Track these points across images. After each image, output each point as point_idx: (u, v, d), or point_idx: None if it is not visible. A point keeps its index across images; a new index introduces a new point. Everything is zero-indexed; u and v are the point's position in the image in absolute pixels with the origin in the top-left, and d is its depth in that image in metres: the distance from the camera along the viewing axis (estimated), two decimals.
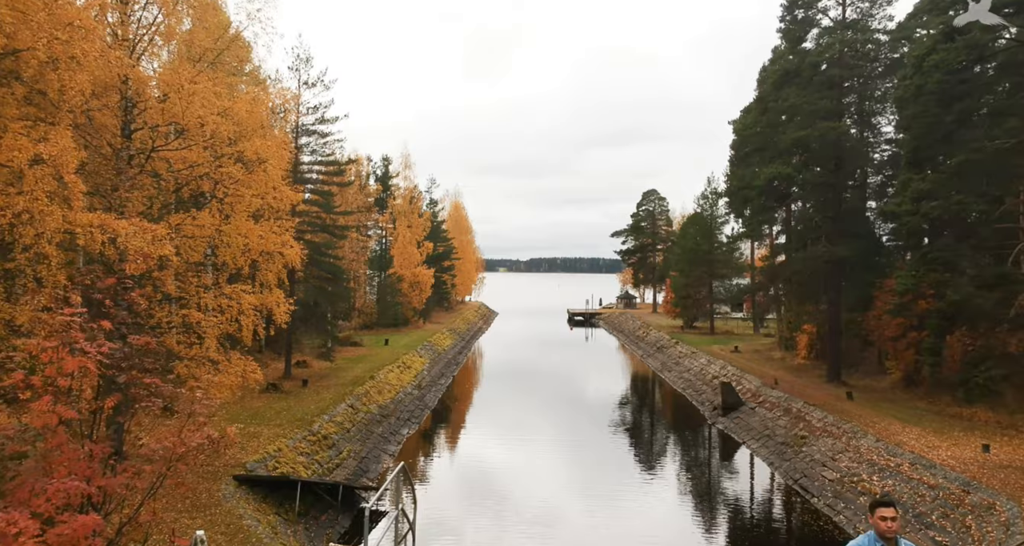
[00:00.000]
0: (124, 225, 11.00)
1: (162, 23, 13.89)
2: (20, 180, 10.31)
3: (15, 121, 10.66)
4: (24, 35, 10.36)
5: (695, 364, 34.13)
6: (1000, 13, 15.24)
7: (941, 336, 16.74)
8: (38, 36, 10.26)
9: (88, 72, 10.78)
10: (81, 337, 3.76)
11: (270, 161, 14.77)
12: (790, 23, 27.23)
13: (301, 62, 24.41)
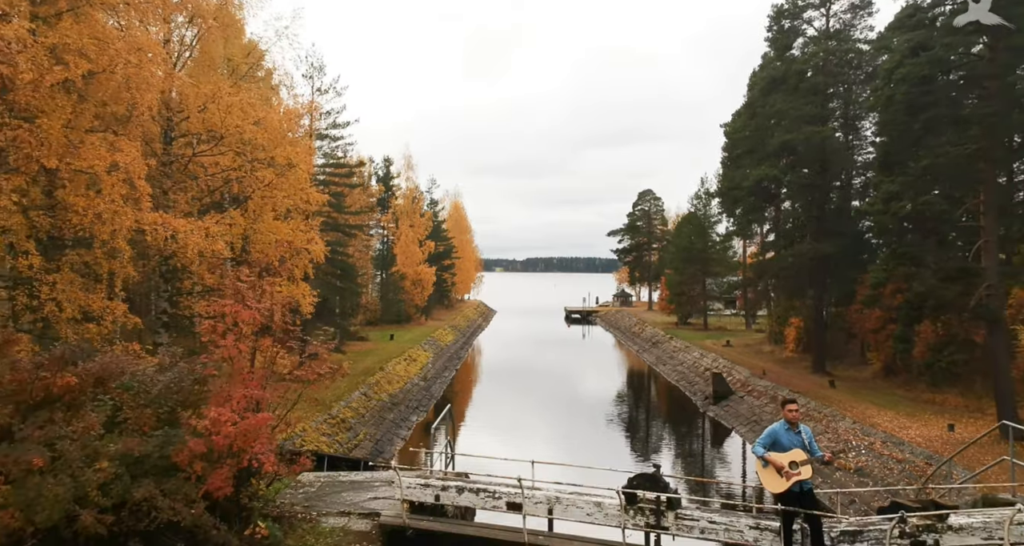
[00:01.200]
0: (183, 223, 12.74)
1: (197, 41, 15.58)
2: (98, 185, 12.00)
3: (90, 133, 12.35)
4: (103, 60, 12.09)
5: (688, 358, 36.07)
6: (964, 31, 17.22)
7: (910, 325, 18.71)
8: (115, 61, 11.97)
9: (155, 91, 12.48)
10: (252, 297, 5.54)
11: (300, 166, 16.48)
12: (777, 32, 29.15)
13: (315, 70, 26.10)
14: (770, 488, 4.88)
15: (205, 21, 14.87)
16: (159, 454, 4.88)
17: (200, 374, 5.52)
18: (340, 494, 6.85)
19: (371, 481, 7.38)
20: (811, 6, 28.59)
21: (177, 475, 4.88)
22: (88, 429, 4.81)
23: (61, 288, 11.42)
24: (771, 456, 4.88)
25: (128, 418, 5.14)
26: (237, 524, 5.19)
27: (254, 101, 15.39)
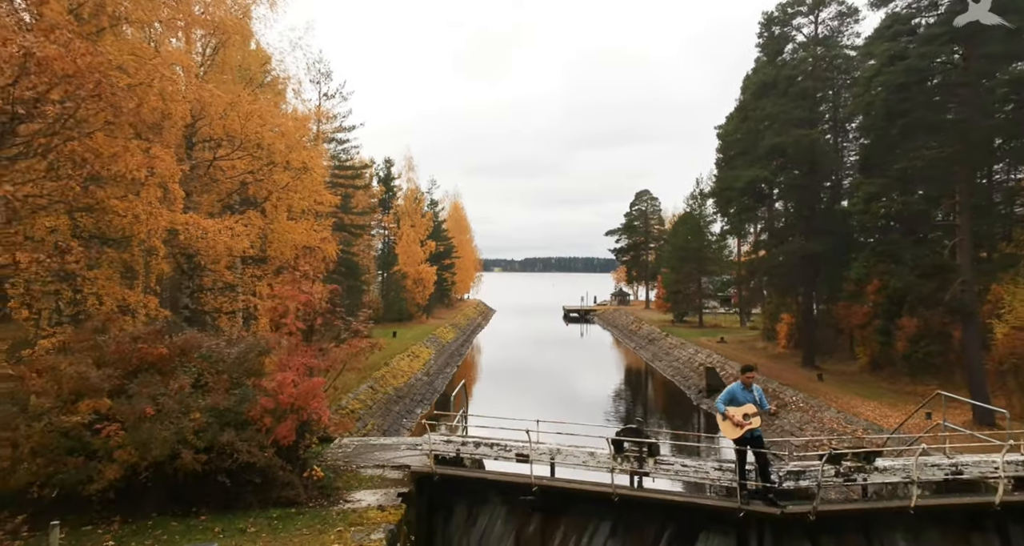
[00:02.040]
0: (211, 223, 13.98)
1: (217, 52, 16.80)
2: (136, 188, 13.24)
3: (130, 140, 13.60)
4: (140, 74, 13.33)
5: (683, 354, 37.41)
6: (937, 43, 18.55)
7: (891, 319, 20.06)
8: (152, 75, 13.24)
9: (187, 103, 13.74)
10: (307, 283, 6.78)
11: (315, 169, 17.75)
12: (768, 38, 30.53)
13: (322, 76, 27.31)
14: (728, 435, 6.15)
15: (227, 34, 16.11)
16: (236, 409, 6.11)
17: (264, 347, 6.77)
18: (373, 453, 8.12)
19: (397, 445, 8.65)
20: (800, 13, 29.98)
21: (250, 427, 6.11)
22: (181, 388, 6.05)
23: (101, 283, 12.63)
24: (729, 410, 6.16)
25: (208, 382, 6.37)
26: (297, 468, 6.44)
27: (271, 108, 16.66)
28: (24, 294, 11.81)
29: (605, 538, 6.53)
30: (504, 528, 6.76)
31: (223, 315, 16.81)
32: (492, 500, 6.84)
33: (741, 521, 6.07)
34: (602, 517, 6.53)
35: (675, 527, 6.35)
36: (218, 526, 5.79)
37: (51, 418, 5.71)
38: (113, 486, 5.74)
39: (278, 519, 5.95)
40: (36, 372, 6.24)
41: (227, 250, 14.23)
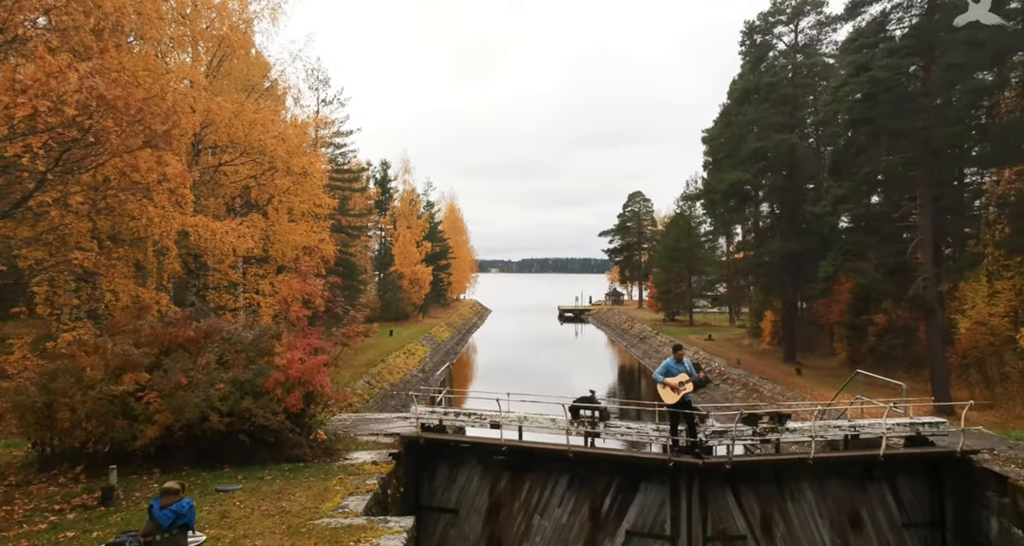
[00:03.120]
0: (219, 225, 15.27)
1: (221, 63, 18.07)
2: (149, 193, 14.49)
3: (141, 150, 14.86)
4: (154, 87, 14.62)
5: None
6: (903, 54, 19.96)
7: (858, 315, 21.46)
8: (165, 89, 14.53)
9: (198, 115, 15.06)
10: (311, 278, 8.07)
11: (314, 174, 19.05)
12: (750, 46, 31.96)
13: (321, 83, 28.64)
14: (667, 400, 7.48)
15: (231, 48, 17.41)
16: (253, 382, 7.39)
17: (276, 331, 8.07)
18: (368, 424, 9.42)
19: (390, 419, 9.97)
20: (780, 22, 31.45)
21: (264, 397, 7.38)
22: (208, 364, 7.34)
23: (118, 281, 13.87)
24: (667, 380, 7.49)
25: (229, 359, 7.65)
26: (304, 431, 7.72)
27: (274, 117, 17.96)
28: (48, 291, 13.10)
29: (564, 489, 7.84)
30: (480, 483, 8.06)
31: (227, 312, 18.05)
32: (469, 460, 8.14)
33: (672, 471, 7.39)
34: (561, 472, 7.84)
35: (621, 478, 7.66)
36: (240, 474, 7.08)
37: (101, 388, 6.99)
38: (153, 443, 7.02)
39: (289, 471, 7.24)
40: (85, 351, 7.52)
41: (233, 250, 15.50)
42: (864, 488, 7.66)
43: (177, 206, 14.64)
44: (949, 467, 7.60)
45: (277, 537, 5.40)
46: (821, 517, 7.56)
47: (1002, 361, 21.31)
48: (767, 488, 7.54)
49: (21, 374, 9.29)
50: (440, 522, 8.13)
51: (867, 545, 7.53)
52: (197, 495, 6.30)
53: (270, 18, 19.16)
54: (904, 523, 7.63)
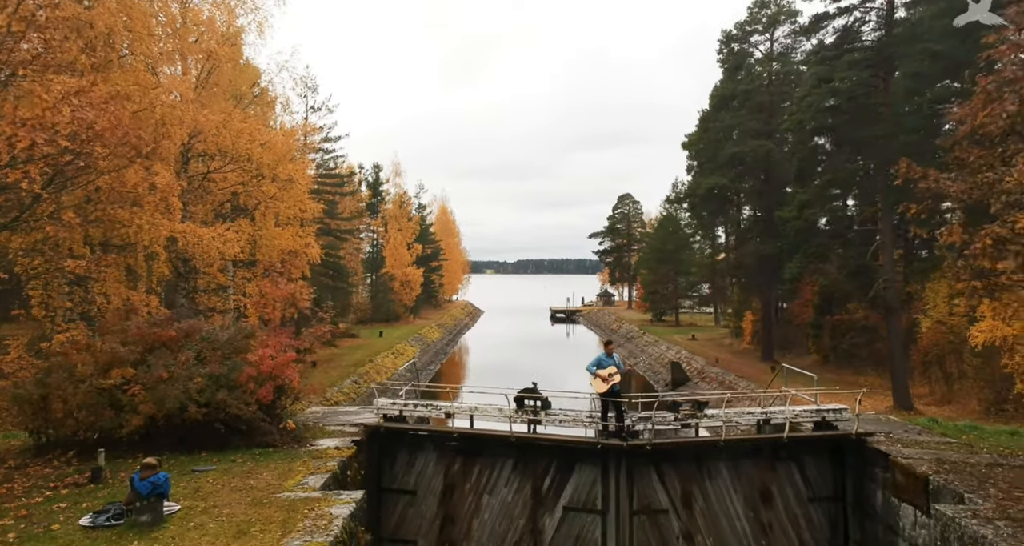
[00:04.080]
0: (206, 231, 16.14)
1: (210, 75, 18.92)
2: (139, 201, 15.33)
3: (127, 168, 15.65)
4: (144, 101, 15.48)
5: (656, 351, 39.75)
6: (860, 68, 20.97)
7: (822, 314, 22.47)
8: (154, 103, 15.38)
9: (187, 127, 15.93)
10: (283, 281, 8.96)
11: (299, 181, 19.92)
12: (727, 55, 33.00)
13: (309, 90, 29.51)
14: (598, 390, 8.42)
15: (218, 62, 18.28)
16: (228, 376, 8.27)
17: (250, 331, 8.96)
18: (338, 416, 10.33)
19: (358, 411, 10.86)
20: (757, 31, 32.51)
21: (239, 389, 8.26)
22: (187, 360, 8.23)
23: (109, 284, 14.69)
24: (598, 372, 8.43)
25: (207, 356, 8.53)
26: (275, 420, 8.61)
27: (260, 126, 18.84)
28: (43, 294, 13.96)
29: (509, 471, 8.75)
30: (435, 467, 8.97)
31: (216, 314, 18.88)
32: (426, 446, 9.04)
33: (601, 453, 8.31)
34: (507, 455, 8.75)
35: (558, 460, 8.58)
36: (215, 458, 7.97)
37: (91, 382, 7.86)
38: (138, 431, 7.90)
39: (260, 455, 8.13)
40: (77, 349, 8.40)
41: (219, 255, 16.36)
42: (774, 467, 8.61)
43: (166, 213, 15.50)
44: (849, 448, 8.55)
45: (242, 507, 6.29)
46: (736, 493, 8.49)
47: (961, 359, 22.33)
48: (688, 467, 8.48)
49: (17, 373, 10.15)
50: (400, 502, 9.03)
51: (776, 518, 8.47)
52: (175, 474, 7.18)
53: (257, 31, 20.05)
54: (810, 498, 8.58)
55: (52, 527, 5.81)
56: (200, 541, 5.47)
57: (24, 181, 6.53)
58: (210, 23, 18.21)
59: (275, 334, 8.80)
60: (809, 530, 8.50)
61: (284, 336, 8.80)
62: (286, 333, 8.90)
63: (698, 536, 8.34)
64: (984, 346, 19.32)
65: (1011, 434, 9.34)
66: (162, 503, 5.88)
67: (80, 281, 14.84)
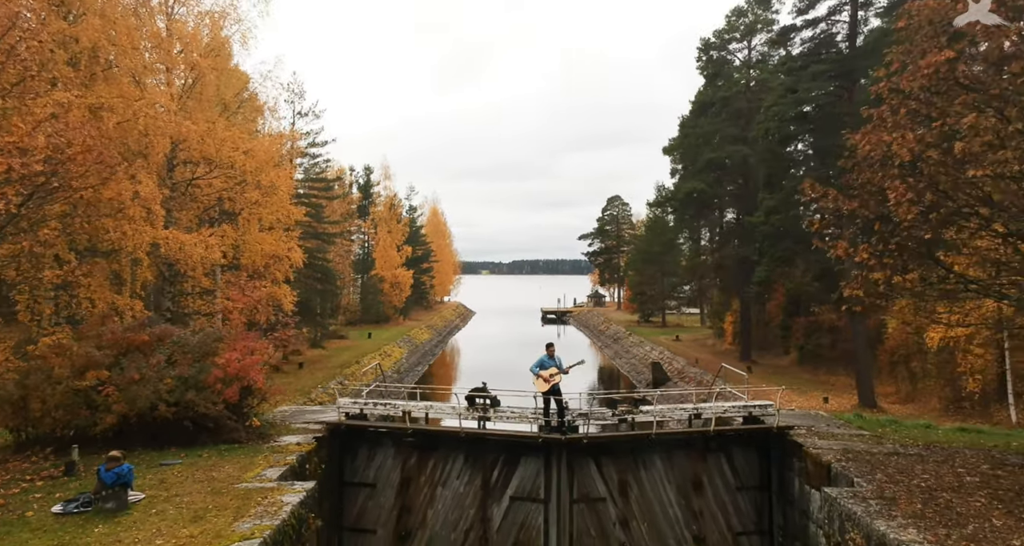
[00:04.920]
0: (188, 237, 16.74)
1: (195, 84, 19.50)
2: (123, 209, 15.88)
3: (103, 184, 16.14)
4: (127, 112, 16.07)
5: (640, 351, 40.46)
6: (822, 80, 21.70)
7: (790, 315, 23.22)
8: (137, 114, 15.98)
9: (167, 137, 16.54)
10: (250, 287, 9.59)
11: (281, 188, 20.51)
12: (707, 62, 33.75)
13: (296, 96, 30.15)
14: (540, 389, 9.09)
15: (203, 72, 18.86)
16: (197, 378, 8.89)
17: (218, 335, 9.58)
18: (305, 415, 10.96)
19: (325, 411, 11.50)
20: (735, 39, 33.30)
21: (207, 390, 8.87)
22: (158, 363, 8.84)
23: (94, 289, 15.25)
24: (541, 372, 9.09)
25: (177, 359, 9.15)
26: (241, 419, 9.23)
27: (243, 135, 19.43)
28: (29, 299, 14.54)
29: (461, 465, 9.41)
30: (393, 462, 9.61)
31: (202, 317, 19.44)
32: (385, 443, 9.68)
33: (544, 446, 8.97)
34: (458, 450, 9.40)
35: (505, 454, 9.23)
36: (183, 453, 8.59)
37: (68, 383, 8.47)
38: (111, 429, 8.51)
39: (225, 450, 8.75)
40: (55, 353, 9.01)
41: (201, 260, 16.94)
42: (705, 458, 9.29)
43: (148, 220, 16.07)
44: (773, 441, 9.24)
45: (202, 496, 6.92)
46: (669, 482, 9.17)
47: (925, 359, 23.16)
48: (624, 459, 9.15)
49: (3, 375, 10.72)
50: (361, 495, 9.66)
51: (706, 505, 9.15)
52: (144, 468, 7.80)
53: (240, 42, 20.66)
54: (737, 486, 9.26)
55: (26, 514, 6.42)
56: (159, 525, 6.10)
57: (0, 202, 7.12)
58: (194, 36, 18.82)
59: (243, 338, 9.43)
60: (737, 516, 9.18)
61: (250, 340, 9.43)
62: (252, 337, 9.53)
63: (633, 522, 9.02)
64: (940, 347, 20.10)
65: (925, 427, 10.04)
66: (126, 492, 6.50)
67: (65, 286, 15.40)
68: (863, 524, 5.96)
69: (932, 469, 7.44)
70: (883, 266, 7.03)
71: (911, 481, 7.04)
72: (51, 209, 9.35)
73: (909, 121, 6.65)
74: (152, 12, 18.53)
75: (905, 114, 6.69)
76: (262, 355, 9.23)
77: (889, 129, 6.77)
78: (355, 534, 9.50)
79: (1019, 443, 8.83)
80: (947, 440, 9.06)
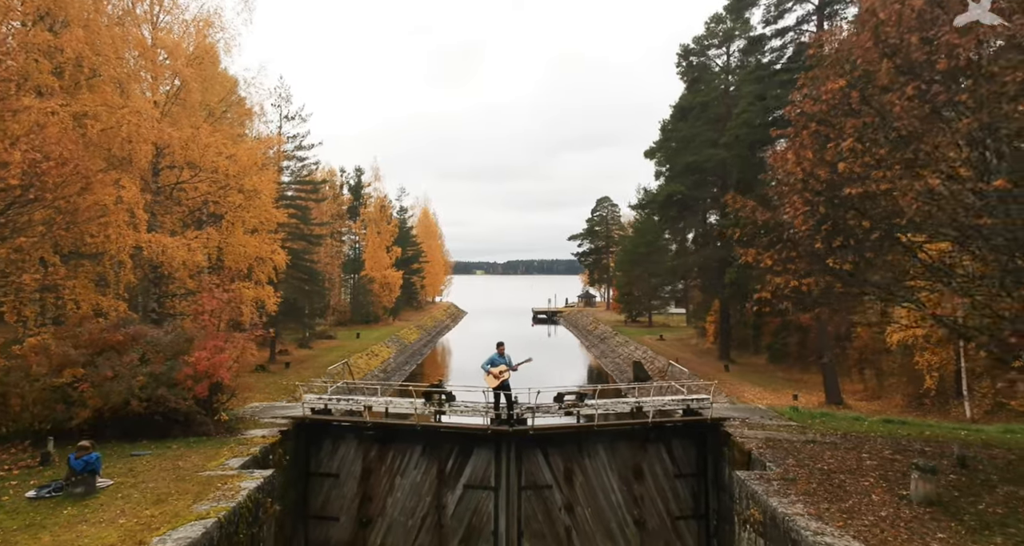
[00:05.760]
0: (171, 241, 17.29)
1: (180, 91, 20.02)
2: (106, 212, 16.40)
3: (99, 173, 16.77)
4: (111, 120, 16.61)
5: (625, 351, 41.15)
6: None
7: (760, 315, 23.95)
8: (120, 121, 16.51)
9: (150, 144, 17.07)
10: (217, 290, 10.18)
11: (263, 192, 21.06)
12: (686, 68, 34.46)
13: (283, 100, 30.66)
14: (489, 385, 9.73)
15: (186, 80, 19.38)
16: (168, 375, 9.49)
17: (189, 336, 10.18)
18: (275, 410, 11.56)
19: (294, 407, 12.11)
20: (713, 45, 34.01)
21: (178, 386, 9.46)
22: (131, 361, 9.44)
23: (79, 291, 15.77)
24: (491, 369, 9.74)
25: (150, 358, 9.74)
26: (210, 413, 9.83)
27: (226, 140, 19.98)
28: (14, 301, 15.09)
29: (418, 456, 10.04)
30: (355, 453, 10.22)
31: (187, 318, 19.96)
32: (347, 436, 10.30)
33: (494, 438, 9.60)
34: (416, 442, 10.03)
35: (459, 445, 9.86)
36: (154, 445, 9.19)
37: (45, 381, 9.04)
38: (86, 423, 9.10)
39: (194, 443, 9.35)
40: (35, 352, 9.58)
41: (184, 263, 17.48)
42: (645, 448, 9.95)
43: (131, 224, 16.61)
44: (709, 431, 9.91)
45: (166, 482, 7.52)
46: (611, 470, 9.83)
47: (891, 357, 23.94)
48: (570, 449, 9.81)
49: None
50: (325, 485, 10.28)
51: (647, 491, 9.82)
52: (115, 458, 8.39)
53: (224, 50, 21.22)
54: (676, 474, 9.92)
55: (2, 499, 7.01)
56: (123, 507, 6.69)
57: None
58: (178, 44, 19.37)
59: (212, 338, 10.03)
60: (675, 502, 9.84)
61: (220, 339, 10.03)
62: (222, 337, 10.14)
63: (578, 508, 9.66)
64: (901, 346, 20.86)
65: (854, 419, 10.72)
66: (95, 478, 7.09)
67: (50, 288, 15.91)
68: (761, 501, 6.62)
69: (839, 455, 8.12)
70: (785, 272, 7.70)
71: (816, 465, 7.71)
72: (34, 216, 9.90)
73: (812, 142, 7.32)
74: (137, 21, 19.06)
75: (808, 136, 7.36)
76: (231, 354, 9.82)
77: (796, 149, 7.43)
78: (319, 521, 10.11)
79: (931, 432, 9.52)
80: (868, 430, 9.75)
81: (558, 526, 9.53)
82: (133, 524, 6.22)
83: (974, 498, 6.42)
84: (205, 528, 6.11)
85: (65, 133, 10.52)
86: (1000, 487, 6.69)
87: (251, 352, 19.34)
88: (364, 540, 9.82)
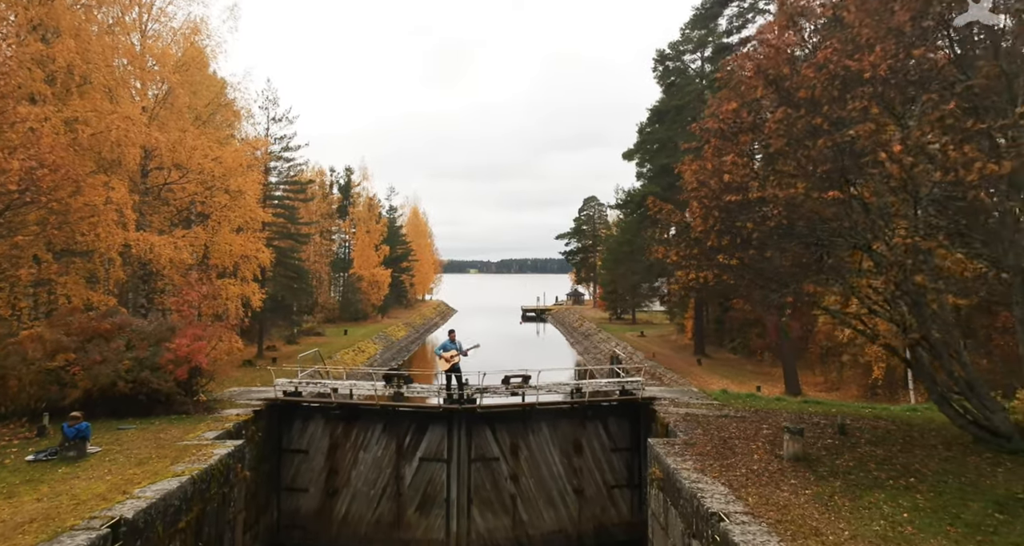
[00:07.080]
0: (158, 239, 18.30)
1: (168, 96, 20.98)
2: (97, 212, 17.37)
3: (89, 175, 17.75)
4: (100, 125, 17.59)
5: (606, 347, 42.32)
6: None
7: (724, 311, 25.21)
8: (110, 126, 17.51)
9: (138, 147, 18.07)
10: (198, 284, 11.26)
11: (248, 192, 22.09)
12: (662, 72, 35.68)
13: (270, 102, 31.62)
14: (442, 368, 10.88)
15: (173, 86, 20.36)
16: (151, 359, 10.55)
17: (171, 325, 11.24)
18: (251, 394, 12.66)
19: (268, 390, 13.20)
20: (688, 51, 35.25)
21: (160, 370, 10.53)
22: (118, 347, 10.50)
23: (71, 286, 16.75)
24: (443, 353, 10.88)
25: (135, 344, 10.80)
26: (190, 394, 10.90)
27: (212, 143, 21.00)
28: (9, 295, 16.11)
29: (379, 432, 11.16)
30: (323, 431, 11.33)
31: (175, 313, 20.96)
32: (315, 415, 11.40)
33: (446, 416, 10.73)
34: (377, 420, 11.15)
35: (416, 424, 10.98)
36: (138, 422, 10.26)
37: (40, 364, 10.09)
38: (77, 402, 10.15)
39: (175, 420, 10.43)
40: (30, 339, 10.61)
41: (171, 260, 18.48)
42: (584, 425, 11.11)
43: (120, 223, 17.61)
44: (641, 410, 11.08)
45: (148, 449, 8.61)
46: (553, 445, 10.98)
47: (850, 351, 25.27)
48: (516, 426, 10.95)
49: None
50: (296, 460, 11.38)
51: (585, 464, 10.98)
52: (104, 432, 9.46)
53: (211, 56, 22.26)
54: (612, 448, 11.09)
55: (5, 462, 8.08)
56: (110, 467, 7.77)
57: None
58: (165, 52, 20.38)
59: (192, 327, 11.10)
60: (611, 473, 11.01)
61: (199, 329, 11.10)
62: (199, 326, 11.20)
63: (522, 478, 10.80)
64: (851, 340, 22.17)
65: (776, 400, 11.88)
66: (85, 444, 8.15)
67: (43, 283, 16.90)
68: (662, 461, 7.78)
69: (743, 426, 9.30)
70: (688, 266, 8.84)
71: (719, 434, 8.88)
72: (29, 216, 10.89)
73: (711, 155, 8.48)
74: (126, 29, 20.05)
75: (710, 149, 8.51)
76: (209, 342, 10.90)
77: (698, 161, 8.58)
78: (291, 493, 11.21)
79: (837, 410, 10.71)
80: (782, 408, 10.93)
81: (504, 494, 10.67)
82: (119, 480, 7.30)
83: (836, 456, 7.60)
84: (180, 483, 7.20)
85: (57, 140, 11.54)
86: (862, 447, 7.88)
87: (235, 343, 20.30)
88: (331, 509, 10.93)
